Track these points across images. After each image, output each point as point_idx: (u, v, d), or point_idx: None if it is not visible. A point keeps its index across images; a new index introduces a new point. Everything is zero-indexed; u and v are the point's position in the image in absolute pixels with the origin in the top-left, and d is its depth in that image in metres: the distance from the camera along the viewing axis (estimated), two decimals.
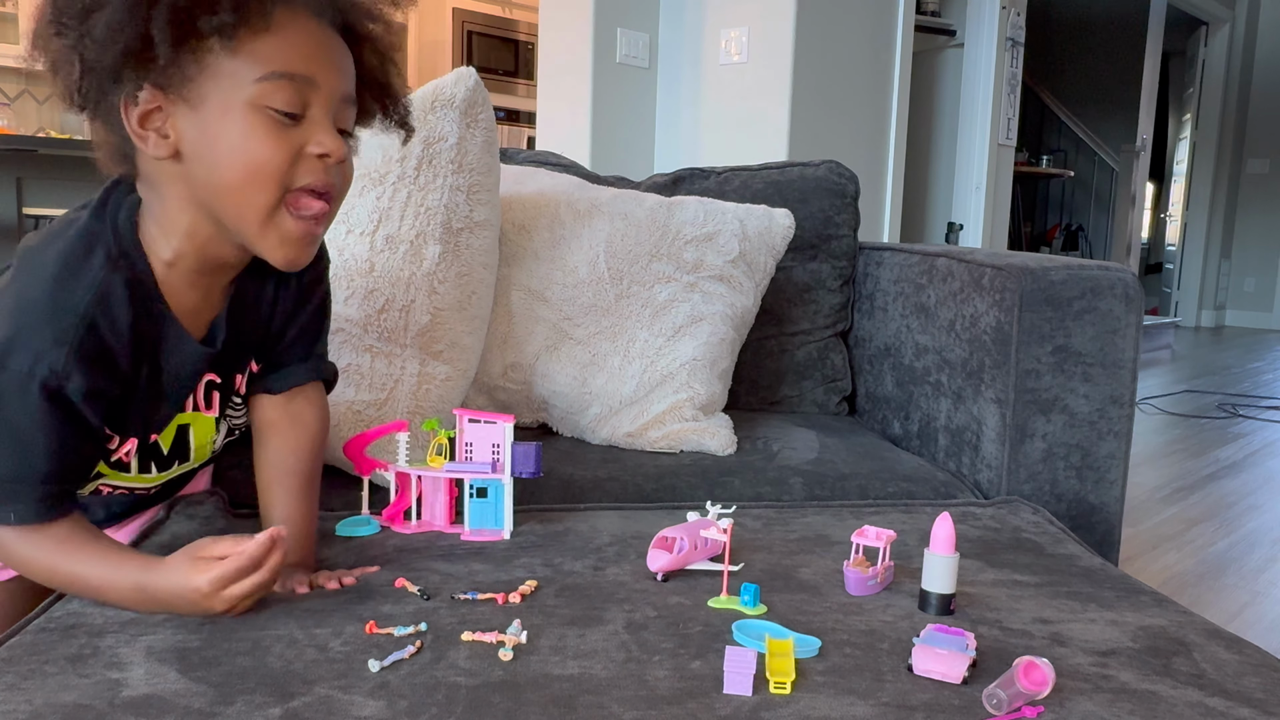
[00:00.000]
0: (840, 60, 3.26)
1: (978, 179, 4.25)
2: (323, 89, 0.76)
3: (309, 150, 0.76)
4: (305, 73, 0.75)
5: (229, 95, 0.74)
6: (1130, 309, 1.25)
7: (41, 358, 0.73)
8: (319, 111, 0.76)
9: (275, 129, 0.74)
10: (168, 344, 0.83)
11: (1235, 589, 2.02)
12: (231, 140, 0.74)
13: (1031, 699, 0.67)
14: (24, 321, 0.73)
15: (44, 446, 0.75)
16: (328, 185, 0.78)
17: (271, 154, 0.75)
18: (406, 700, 0.65)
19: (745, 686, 0.68)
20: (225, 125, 0.74)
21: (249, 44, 0.73)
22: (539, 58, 3.38)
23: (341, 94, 0.78)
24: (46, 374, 0.73)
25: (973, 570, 0.95)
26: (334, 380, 1.02)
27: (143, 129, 0.75)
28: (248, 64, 0.73)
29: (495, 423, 1.02)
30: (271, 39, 0.74)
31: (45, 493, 0.77)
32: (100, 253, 0.77)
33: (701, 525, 0.91)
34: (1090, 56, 8.24)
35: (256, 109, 0.74)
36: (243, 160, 0.75)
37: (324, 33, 0.77)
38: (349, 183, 0.82)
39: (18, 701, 0.64)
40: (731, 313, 1.44)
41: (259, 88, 0.73)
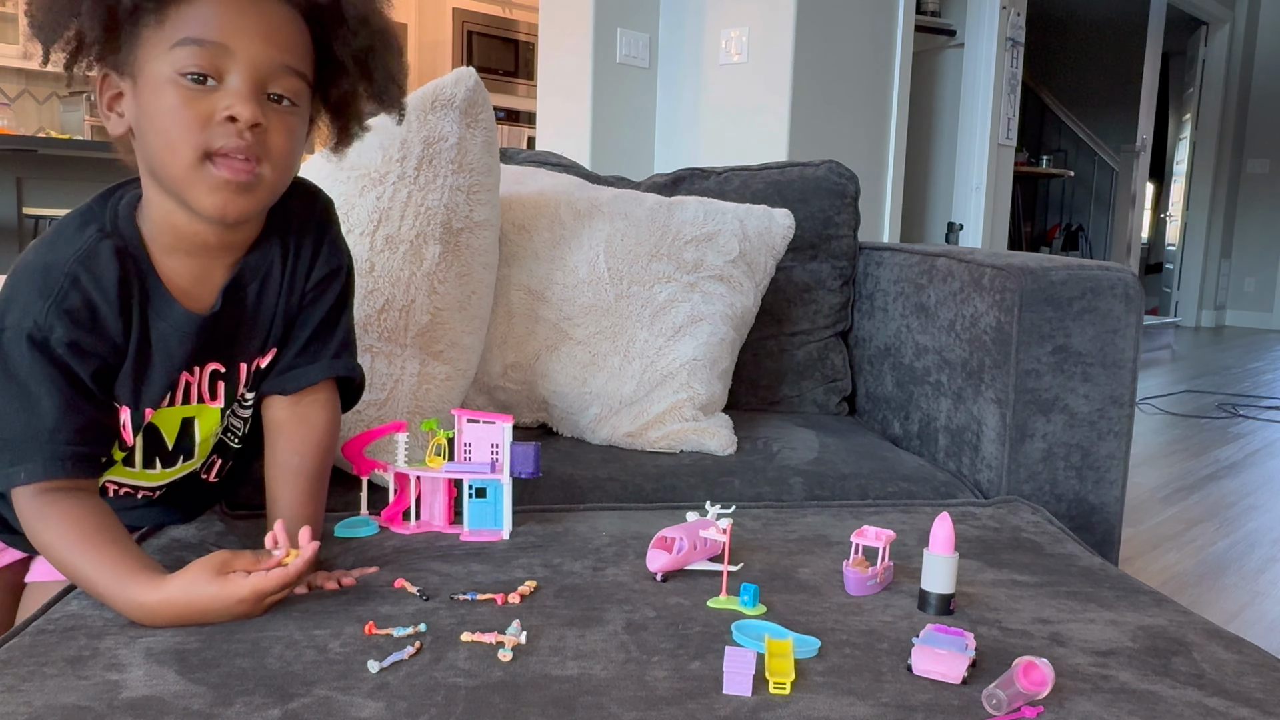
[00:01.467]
0: (840, 60, 3.26)
1: (978, 179, 4.25)
2: (239, 55, 0.77)
3: (218, 114, 0.77)
4: (216, 39, 0.76)
5: (154, 67, 0.77)
6: (1130, 309, 1.25)
7: (28, 312, 0.78)
8: (237, 78, 0.77)
9: (187, 94, 0.76)
10: (156, 308, 0.84)
11: (1235, 589, 2.01)
12: (153, 108, 0.78)
13: (1031, 699, 0.67)
14: (17, 283, 0.79)
15: (48, 405, 0.78)
16: (244, 150, 0.78)
17: (180, 116, 0.77)
18: (406, 701, 0.65)
19: (745, 687, 0.67)
20: (152, 96, 0.78)
21: (172, 15, 0.76)
22: (539, 58, 3.38)
23: (268, 62, 0.78)
24: (31, 326, 0.77)
25: (972, 570, 0.95)
26: (360, 383, 1.01)
27: (109, 110, 0.82)
28: (167, 33, 0.76)
29: (494, 423, 1.02)
30: (189, 7, 0.76)
31: (53, 451, 0.78)
32: (93, 226, 0.82)
33: (701, 525, 0.91)
34: (1090, 56, 8.24)
35: (173, 78, 0.76)
36: (159, 125, 0.78)
37: (252, 3, 0.78)
38: (284, 146, 0.81)
39: (17, 703, 0.63)
40: (731, 313, 1.44)
41: (171, 54, 0.76)
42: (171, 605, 0.75)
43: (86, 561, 0.78)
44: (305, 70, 0.82)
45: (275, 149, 0.80)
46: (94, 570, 0.77)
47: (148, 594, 0.76)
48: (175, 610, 0.75)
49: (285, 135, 0.81)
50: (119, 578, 0.77)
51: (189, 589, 0.75)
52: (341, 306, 0.97)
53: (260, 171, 0.80)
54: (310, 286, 0.94)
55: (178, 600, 0.75)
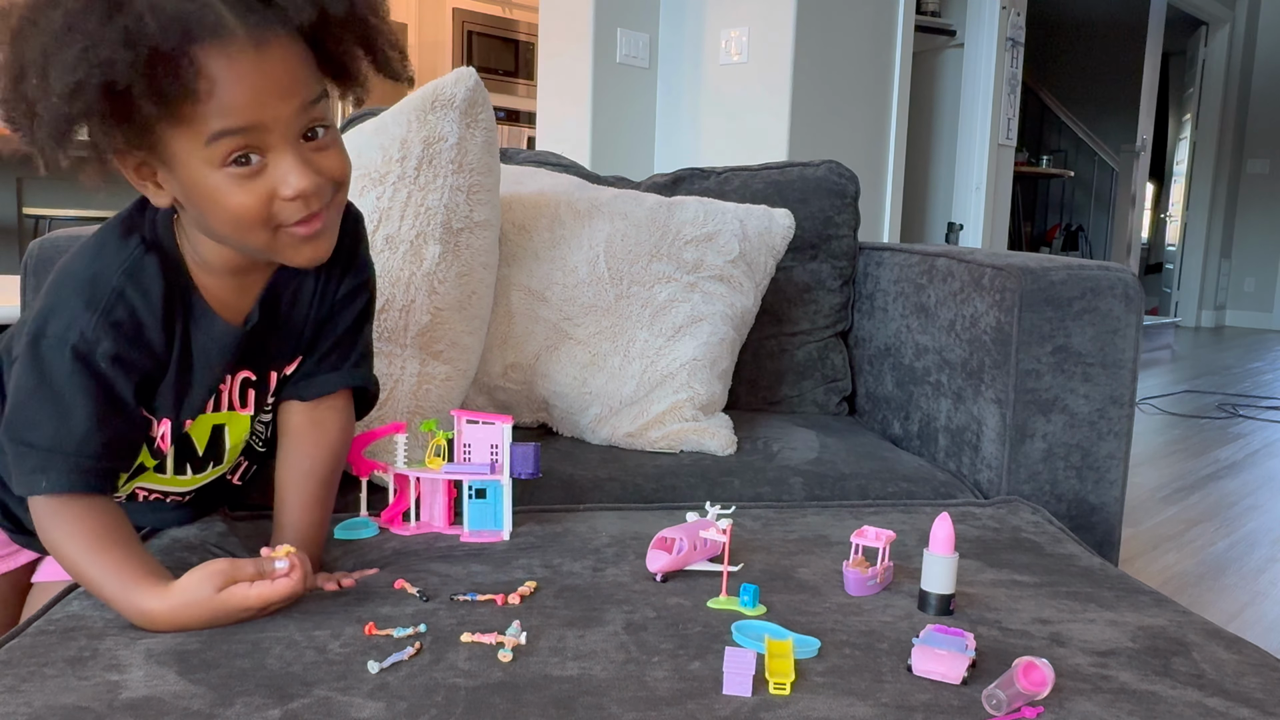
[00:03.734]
0: (840, 60, 3.26)
1: (978, 179, 4.25)
2: (271, 127, 0.74)
3: (281, 193, 0.75)
4: (248, 122, 0.73)
5: (188, 160, 0.74)
6: (1130, 309, 1.25)
7: (74, 324, 0.77)
8: (279, 147, 0.75)
9: (241, 182, 0.74)
10: (197, 321, 0.85)
11: (1235, 589, 2.01)
12: (208, 198, 0.75)
13: (1031, 699, 0.67)
14: (63, 292, 0.79)
15: (80, 416, 0.78)
16: (312, 215, 0.78)
17: (246, 208, 0.75)
18: (406, 702, 0.65)
19: (745, 687, 0.67)
20: (198, 185, 0.75)
21: (188, 111, 0.71)
22: (539, 58, 3.38)
23: (296, 112, 0.75)
24: (77, 339, 0.77)
25: (972, 570, 0.95)
26: (375, 393, 1.01)
27: (140, 179, 0.78)
28: (193, 131, 0.72)
29: (494, 424, 1.02)
30: (205, 99, 0.71)
31: (79, 465, 0.78)
32: (136, 236, 0.82)
33: (701, 526, 0.91)
34: (1090, 56, 8.24)
35: (216, 167, 0.74)
36: (224, 216, 0.76)
37: (260, 63, 0.73)
38: (344, 168, 0.80)
39: (17, 704, 0.63)
40: (731, 313, 1.44)
41: (209, 151, 0.73)
42: (175, 613, 0.75)
43: (94, 566, 0.78)
44: (320, 87, 0.79)
45: (333, 172, 0.79)
46: (100, 575, 0.77)
47: (152, 602, 0.76)
48: (179, 618, 0.75)
49: (336, 159, 0.80)
50: (124, 584, 0.77)
51: (193, 599, 0.75)
52: (365, 318, 0.97)
53: (333, 208, 0.80)
54: (340, 296, 0.94)
55: (181, 609, 0.75)
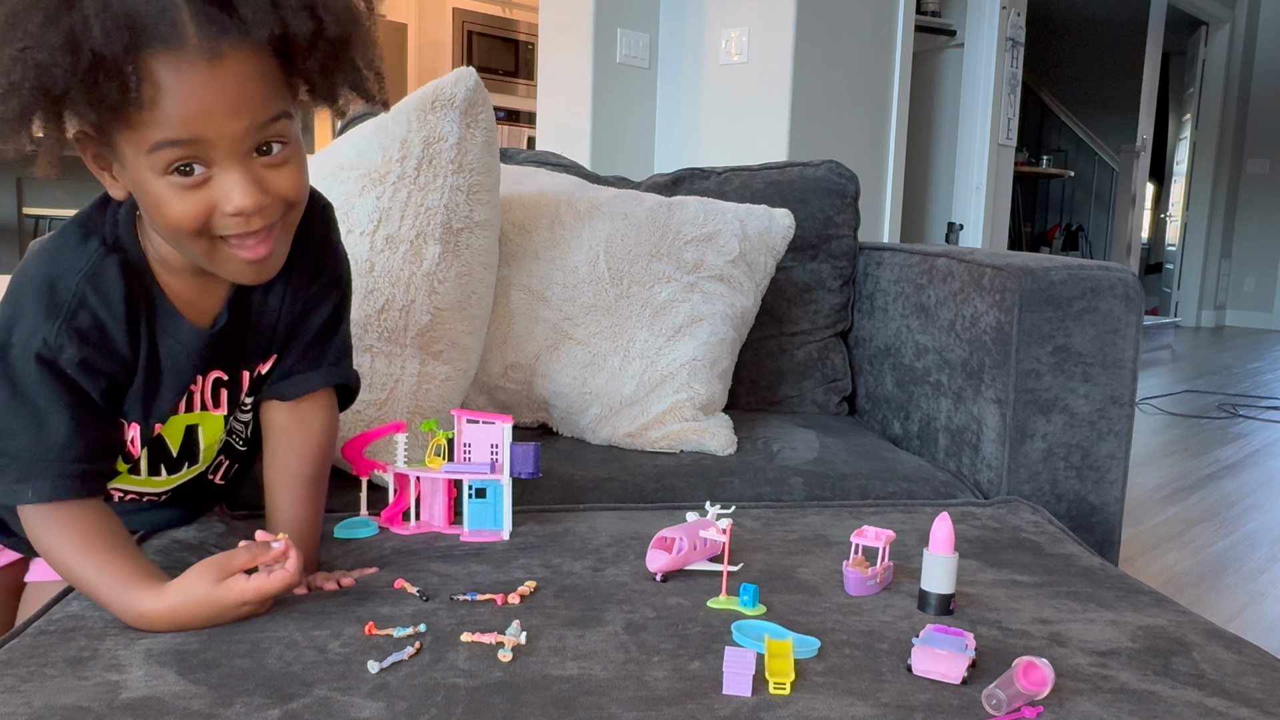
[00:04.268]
0: (840, 60, 3.25)
1: (978, 179, 4.25)
2: (219, 143, 0.72)
3: (224, 208, 0.74)
4: (191, 135, 0.71)
5: (134, 162, 0.73)
6: (1130, 309, 1.25)
7: (36, 331, 0.76)
8: (225, 162, 0.73)
9: (181, 191, 0.73)
10: (163, 324, 0.84)
11: (1235, 589, 2.01)
12: (150, 201, 0.75)
13: (1031, 699, 0.67)
14: (23, 300, 0.77)
15: (57, 423, 0.77)
16: (252, 231, 0.76)
17: (181, 215, 0.74)
18: (406, 702, 0.65)
19: (744, 687, 0.67)
20: (142, 188, 0.74)
21: (132, 116, 0.70)
22: (539, 58, 3.38)
23: (247, 131, 0.72)
24: (40, 346, 0.76)
25: (972, 570, 0.95)
26: (355, 388, 1.01)
27: (98, 168, 0.77)
28: (137, 136, 0.71)
29: (494, 423, 1.02)
30: (150, 107, 0.69)
31: (63, 471, 0.78)
32: (96, 239, 0.80)
33: (701, 526, 0.91)
34: (1090, 56, 8.24)
35: (157, 175, 0.73)
36: (163, 219, 0.75)
37: (211, 77, 0.70)
38: (296, 188, 0.78)
39: (17, 704, 0.63)
40: (731, 313, 1.44)
41: (151, 159, 0.72)
42: (174, 613, 0.75)
43: (89, 569, 0.77)
44: (284, 107, 0.76)
45: (289, 195, 0.77)
46: (96, 578, 0.77)
47: (149, 603, 0.75)
48: (178, 618, 0.75)
49: (291, 176, 0.77)
50: (121, 586, 0.76)
51: (190, 595, 0.75)
52: (341, 312, 0.97)
53: (279, 229, 0.78)
54: (312, 293, 0.93)
55: (179, 608, 0.75)
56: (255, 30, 0.71)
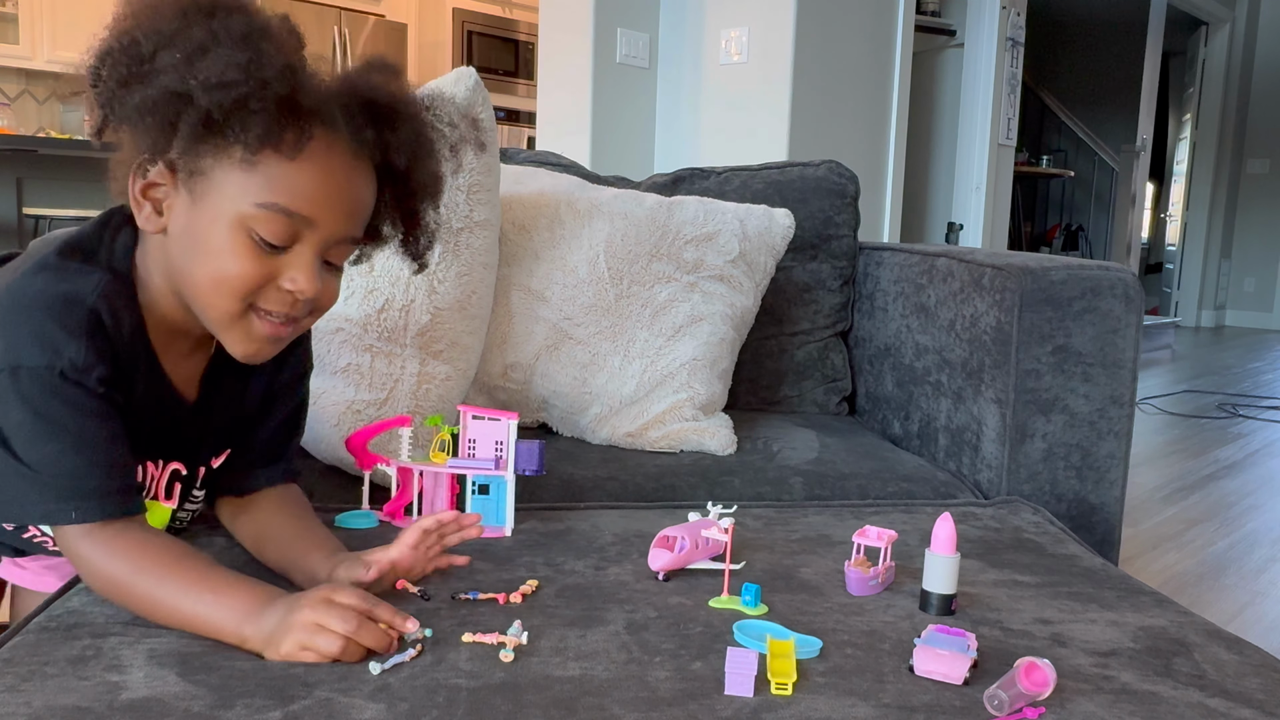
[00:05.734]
0: (840, 60, 3.25)
1: (978, 179, 4.25)
2: (319, 230, 0.75)
3: (281, 282, 0.75)
4: (306, 213, 0.74)
5: (226, 204, 0.73)
6: (1130, 309, 1.25)
7: (59, 351, 0.71)
8: (307, 248, 0.75)
9: (255, 251, 0.74)
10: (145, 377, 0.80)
11: (1235, 589, 2.01)
12: (211, 246, 0.74)
13: (1033, 700, 0.67)
14: (32, 319, 0.72)
15: (93, 439, 0.73)
16: (290, 318, 0.77)
17: (241, 274, 0.74)
18: (407, 703, 0.65)
19: (746, 688, 0.67)
20: (212, 230, 0.74)
21: (268, 164, 0.72)
22: (539, 58, 3.38)
23: (341, 236, 0.77)
24: (66, 365, 0.71)
25: (974, 570, 0.95)
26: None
27: (143, 197, 0.76)
28: (256, 184, 0.72)
29: (499, 419, 1.02)
30: (291, 168, 0.73)
31: (107, 486, 0.73)
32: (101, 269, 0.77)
33: (702, 525, 0.91)
34: (1090, 56, 8.24)
35: (244, 228, 0.73)
36: (214, 269, 0.74)
37: (349, 171, 0.76)
38: (332, 299, 0.80)
39: (17, 704, 0.63)
40: (731, 313, 1.44)
41: (254, 211, 0.73)
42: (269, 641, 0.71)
43: (187, 598, 0.72)
44: (362, 233, 0.81)
45: (322, 307, 0.80)
46: (207, 608, 0.72)
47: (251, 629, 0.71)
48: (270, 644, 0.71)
49: (333, 292, 0.80)
50: (235, 612, 0.72)
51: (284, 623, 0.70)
52: (301, 408, 0.96)
53: (301, 325, 0.80)
54: (279, 383, 0.91)
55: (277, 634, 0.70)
56: (395, 158, 0.79)
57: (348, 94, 0.77)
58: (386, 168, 0.81)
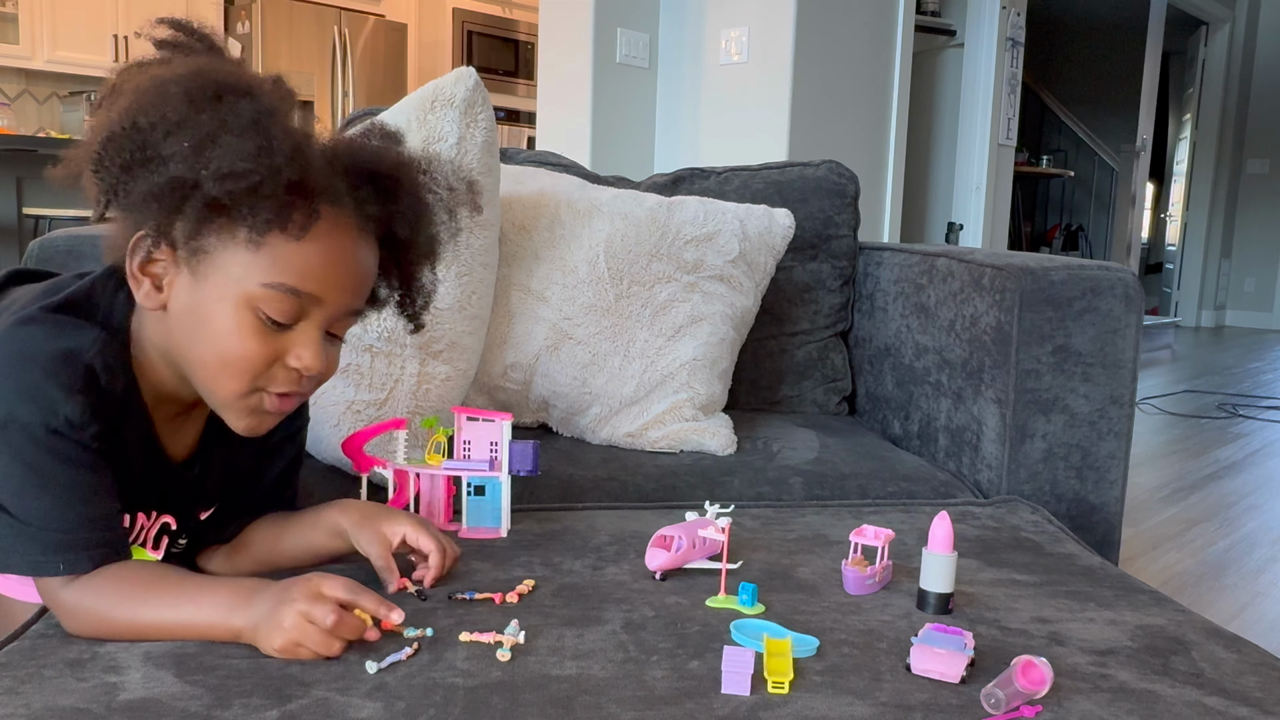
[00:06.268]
0: (840, 60, 3.26)
1: (978, 179, 4.25)
2: (325, 307, 0.75)
3: (288, 360, 0.75)
4: (313, 291, 0.74)
5: (231, 284, 0.73)
6: (1130, 309, 1.25)
7: (53, 409, 0.70)
8: (312, 325, 0.75)
9: (260, 331, 0.74)
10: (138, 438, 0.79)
11: (1235, 589, 2.01)
12: (216, 326, 0.73)
13: (1030, 698, 0.67)
14: (28, 374, 0.71)
15: (82, 493, 0.73)
16: (298, 393, 0.78)
17: (248, 355, 0.74)
18: (404, 701, 0.65)
19: (743, 686, 0.67)
20: (216, 309, 0.73)
21: (275, 244, 0.72)
22: (539, 58, 3.38)
23: (345, 309, 0.78)
24: (61, 423, 0.71)
25: (971, 569, 0.95)
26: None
27: (141, 274, 0.75)
28: (263, 264, 0.72)
29: (494, 420, 1.02)
30: (297, 248, 0.73)
31: (93, 539, 0.73)
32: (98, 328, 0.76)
33: (700, 525, 0.91)
34: (1090, 56, 8.24)
35: (250, 308, 0.73)
36: (220, 350, 0.74)
37: (355, 247, 0.77)
38: (333, 370, 0.80)
39: (15, 705, 0.63)
40: (731, 313, 1.44)
41: (261, 291, 0.72)
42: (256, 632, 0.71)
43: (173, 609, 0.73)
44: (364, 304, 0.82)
45: (325, 375, 0.79)
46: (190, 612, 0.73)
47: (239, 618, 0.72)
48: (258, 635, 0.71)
49: (334, 365, 0.80)
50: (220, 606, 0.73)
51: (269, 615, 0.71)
52: (297, 460, 0.95)
53: (304, 396, 0.80)
54: (272, 444, 0.90)
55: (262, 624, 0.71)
56: (398, 228, 0.80)
57: (351, 167, 0.77)
58: (389, 237, 0.81)
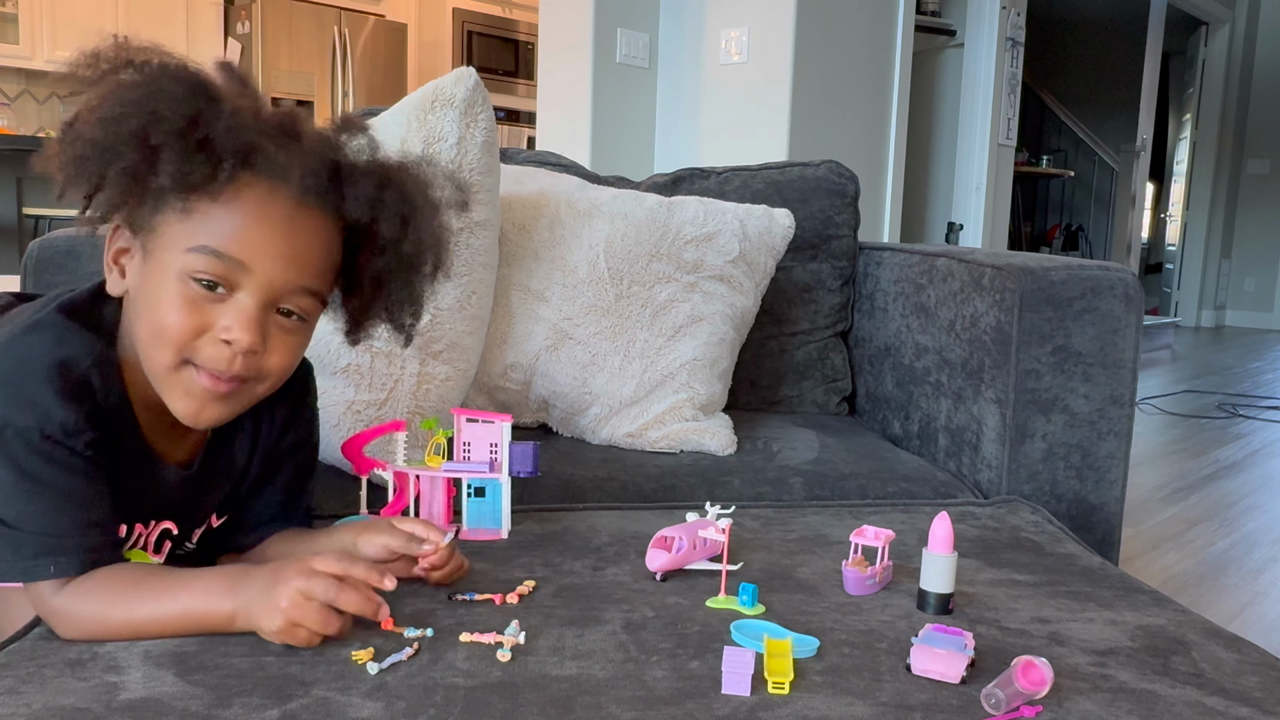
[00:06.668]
0: (840, 60, 3.26)
1: (978, 179, 4.25)
2: (257, 275, 0.74)
3: (216, 332, 0.74)
4: (237, 255, 0.73)
5: (168, 256, 0.74)
6: (1130, 309, 1.25)
7: (48, 417, 0.71)
8: (246, 296, 0.74)
9: (190, 300, 0.73)
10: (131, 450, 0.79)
11: (1235, 589, 2.01)
12: (152, 298, 0.74)
13: (1030, 698, 0.67)
14: (27, 382, 0.72)
15: (76, 499, 0.73)
16: (226, 374, 0.75)
17: (175, 322, 0.73)
18: (404, 701, 0.65)
19: (743, 687, 0.67)
20: (155, 282, 0.74)
21: (200, 209, 0.73)
22: (539, 58, 3.38)
23: (286, 284, 0.75)
24: (56, 430, 0.72)
25: (971, 570, 0.95)
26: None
27: (114, 263, 0.78)
28: (189, 230, 0.73)
29: (493, 422, 1.02)
30: (220, 210, 0.73)
31: (84, 544, 0.74)
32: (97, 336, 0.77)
33: (700, 525, 0.91)
34: (1090, 56, 8.24)
35: (182, 276, 0.73)
36: (152, 320, 0.74)
37: (291, 217, 0.75)
38: (283, 363, 0.78)
39: (16, 705, 0.63)
40: (731, 313, 1.44)
41: (186, 258, 0.73)
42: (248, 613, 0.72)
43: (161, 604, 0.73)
44: (324, 288, 0.80)
45: (272, 369, 0.78)
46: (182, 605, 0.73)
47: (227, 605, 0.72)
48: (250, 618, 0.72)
49: (286, 354, 0.78)
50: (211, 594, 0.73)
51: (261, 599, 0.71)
52: (307, 473, 0.94)
53: (248, 388, 0.78)
54: (281, 449, 0.90)
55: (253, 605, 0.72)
56: (349, 208, 0.78)
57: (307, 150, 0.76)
58: (357, 229, 0.80)
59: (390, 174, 0.82)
